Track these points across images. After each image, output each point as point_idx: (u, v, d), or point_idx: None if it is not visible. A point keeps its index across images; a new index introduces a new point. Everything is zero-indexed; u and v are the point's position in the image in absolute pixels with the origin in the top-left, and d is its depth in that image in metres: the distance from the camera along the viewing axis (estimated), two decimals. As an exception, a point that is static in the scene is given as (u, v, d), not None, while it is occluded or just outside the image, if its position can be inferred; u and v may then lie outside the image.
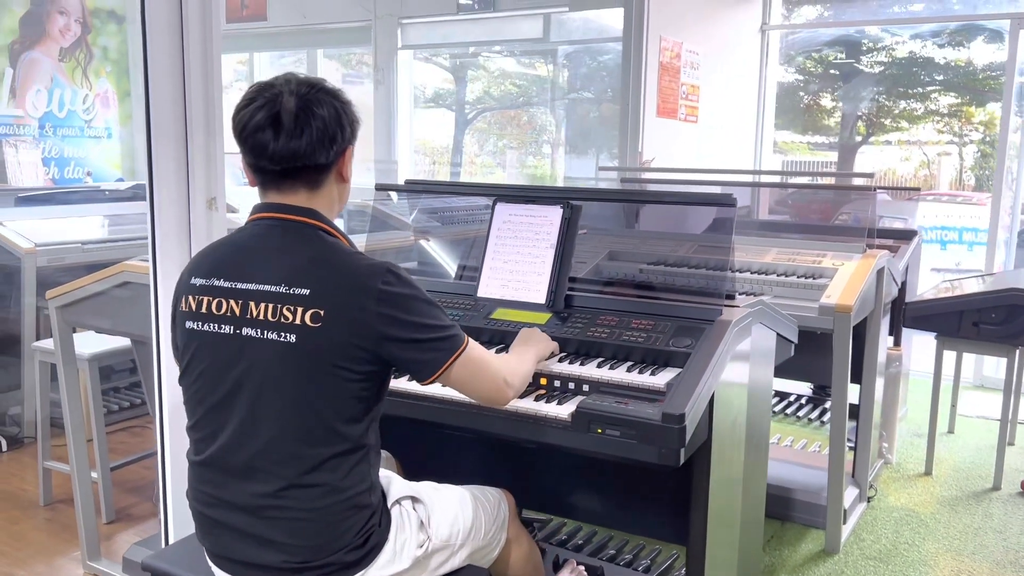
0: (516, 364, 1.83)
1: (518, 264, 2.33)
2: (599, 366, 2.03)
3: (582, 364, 2.04)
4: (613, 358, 2.08)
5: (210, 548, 1.67)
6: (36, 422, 3.35)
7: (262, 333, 1.55)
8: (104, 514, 3.21)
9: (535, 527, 2.84)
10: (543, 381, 2.02)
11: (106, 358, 3.14)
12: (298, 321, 1.53)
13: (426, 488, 1.82)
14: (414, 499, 1.75)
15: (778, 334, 2.46)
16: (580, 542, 2.92)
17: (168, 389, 2.37)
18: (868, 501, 3.49)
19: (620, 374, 1.97)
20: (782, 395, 4.60)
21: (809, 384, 4.55)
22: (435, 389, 1.98)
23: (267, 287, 1.56)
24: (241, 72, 8.97)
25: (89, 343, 3.11)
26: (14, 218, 4.12)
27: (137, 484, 3.47)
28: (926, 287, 4.24)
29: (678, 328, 2.08)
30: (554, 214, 2.31)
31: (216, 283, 1.61)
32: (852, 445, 3.51)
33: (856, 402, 3.40)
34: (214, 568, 1.67)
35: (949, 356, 3.90)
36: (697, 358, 1.94)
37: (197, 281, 1.63)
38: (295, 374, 1.53)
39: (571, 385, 1.99)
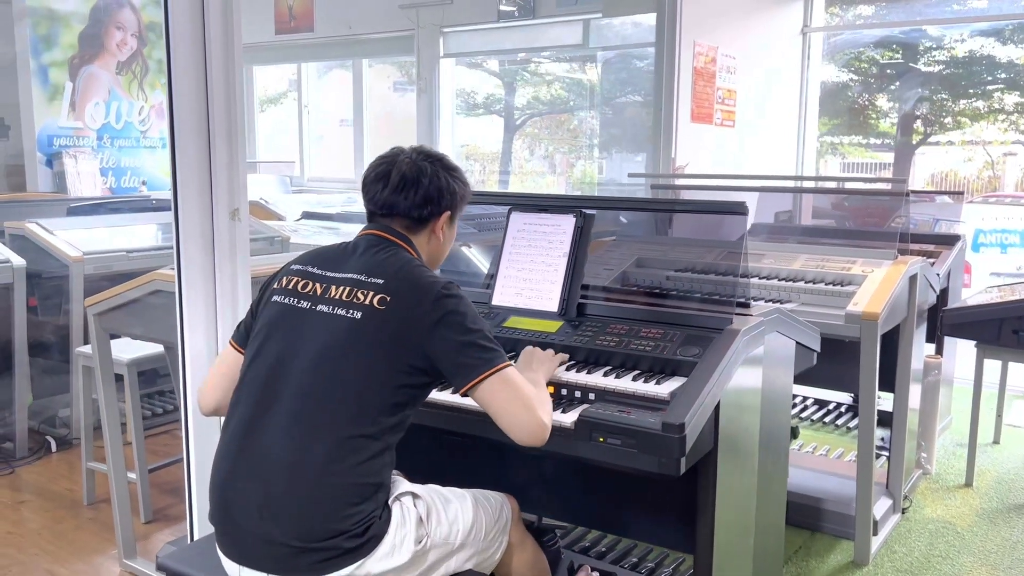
0: (548, 404, 1.81)
1: (532, 272, 2.35)
2: (606, 375, 2.03)
3: (589, 373, 2.05)
4: (621, 367, 2.08)
5: (220, 531, 1.73)
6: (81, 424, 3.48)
7: (333, 309, 1.75)
8: (142, 514, 3.32)
9: (556, 534, 2.85)
10: (551, 389, 2.03)
11: (145, 363, 3.25)
12: (367, 302, 1.72)
13: (428, 488, 1.87)
14: (414, 496, 1.80)
15: (797, 342, 2.44)
16: (603, 549, 2.92)
17: (193, 394, 2.45)
18: (903, 512, 3.42)
19: (626, 383, 1.98)
20: (822, 403, 4.53)
21: (850, 393, 4.47)
22: (444, 396, 2.02)
23: (349, 275, 1.79)
24: (292, 82, 9.16)
25: (130, 348, 3.23)
26: (66, 228, 4.29)
27: (176, 485, 3.57)
28: (980, 292, 4.14)
29: (687, 337, 2.08)
30: (567, 223, 2.33)
31: (311, 270, 1.85)
32: (888, 455, 3.45)
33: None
34: (224, 559, 1.74)
35: (996, 364, 3.80)
36: (702, 367, 1.94)
37: (296, 266, 1.88)
38: (351, 346, 1.70)
39: (577, 393, 2.01)
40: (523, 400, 1.71)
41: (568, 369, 2.08)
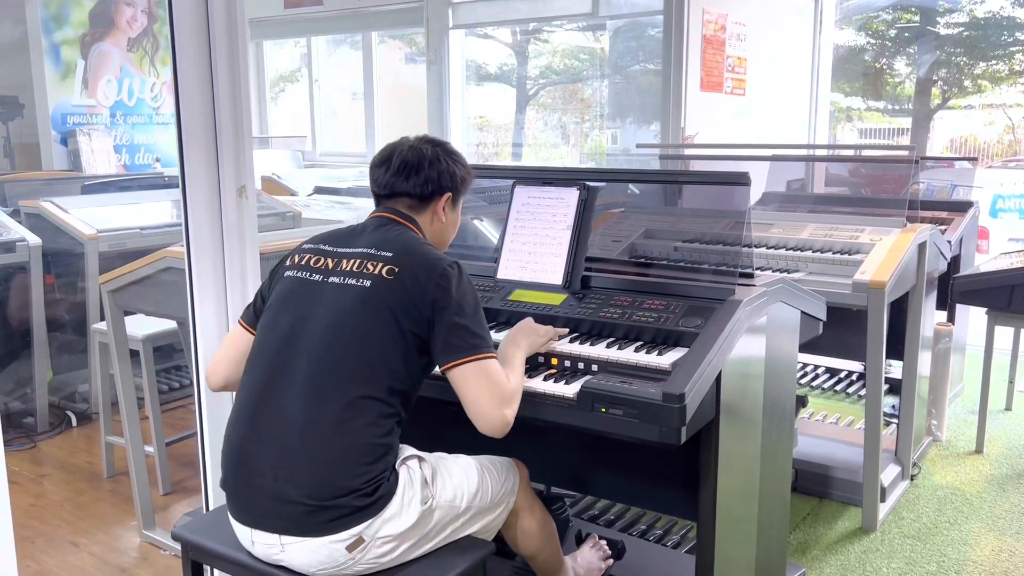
0: (516, 399, 1.83)
1: (536, 246, 2.36)
2: (608, 346, 2.05)
3: (592, 344, 2.07)
4: (624, 338, 2.10)
5: (233, 495, 1.79)
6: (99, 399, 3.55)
7: (344, 280, 1.83)
8: (161, 486, 3.39)
9: (565, 502, 2.89)
10: (554, 361, 2.06)
11: (160, 339, 3.30)
12: (376, 272, 1.81)
13: (433, 454, 1.92)
14: (420, 459, 1.85)
15: (802, 312, 2.45)
16: (612, 518, 2.97)
17: (205, 369, 2.48)
18: (911, 479, 3.43)
19: (628, 354, 2.00)
20: (833, 372, 4.54)
21: (860, 362, 4.47)
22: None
23: (360, 249, 1.88)
24: (305, 57, 9.13)
25: (146, 324, 3.28)
26: (80, 206, 4.33)
27: (192, 458, 3.64)
28: (993, 259, 4.11)
29: (689, 308, 2.09)
30: (570, 196, 2.34)
31: (322, 247, 1.94)
32: (897, 423, 3.46)
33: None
34: (235, 524, 1.79)
35: (1008, 331, 3.80)
36: (704, 338, 1.95)
37: (307, 245, 1.97)
38: (360, 313, 1.78)
39: (580, 365, 2.03)
40: (492, 393, 1.77)
41: (572, 341, 2.10)
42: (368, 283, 1.80)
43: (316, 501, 1.68)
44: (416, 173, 1.97)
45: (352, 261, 1.85)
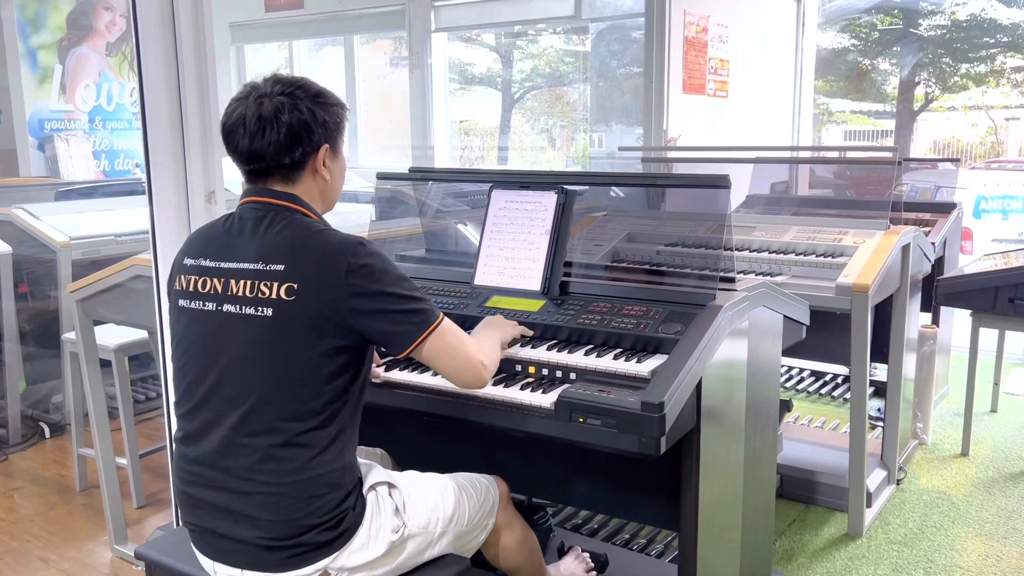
0: (488, 348, 1.84)
1: (514, 251, 2.31)
2: (587, 354, 2.00)
3: (570, 352, 2.02)
4: (603, 345, 2.05)
5: (192, 529, 1.71)
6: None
7: (241, 309, 1.63)
8: (135, 499, 3.31)
9: (547, 512, 2.84)
10: (531, 369, 2.01)
11: (133, 348, 3.23)
12: (274, 296, 1.60)
13: (405, 476, 1.84)
14: (390, 485, 1.77)
15: (785, 316, 2.41)
16: (595, 527, 2.92)
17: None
18: (897, 484, 3.40)
19: (606, 362, 1.95)
20: (818, 375, 4.51)
21: (846, 365, 4.43)
22: (424, 378, 1.99)
23: (246, 265, 1.64)
24: (286, 60, 9.06)
25: (119, 334, 3.20)
26: (53, 213, 4.24)
27: (168, 470, 3.57)
28: (977, 260, 4.09)
29: (669, 314, 2.04)
30: (548, 200, 2.29)
31: (203, 263, 1.70)
32: (883, 426, 3.43)
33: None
34: (198, 554, 1.72)
35: (993, 332, 3.77)
36: (684, 344, 1.90)
37: (188, 261, 1.73)
38: (271, 346, 1.60)
39: (558, 373, 1.98)
40: (462, 351, 1.72)
41: (549, 348, 2.05)
42: (270, 311, 1.59)
43: (277, 541, 1.59)
44: (279, 134, 1.64)
45: (243, 283, 1.62)
